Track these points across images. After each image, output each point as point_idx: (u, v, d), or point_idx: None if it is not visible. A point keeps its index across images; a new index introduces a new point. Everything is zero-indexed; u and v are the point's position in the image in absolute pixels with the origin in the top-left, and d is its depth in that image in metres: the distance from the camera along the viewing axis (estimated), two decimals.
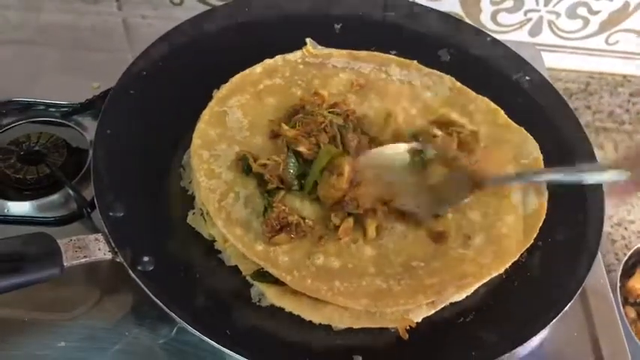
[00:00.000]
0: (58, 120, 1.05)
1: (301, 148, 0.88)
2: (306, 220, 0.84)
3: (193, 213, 0.89)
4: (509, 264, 0.83)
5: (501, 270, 0.83)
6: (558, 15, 1.32)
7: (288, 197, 0.86)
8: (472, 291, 0.83)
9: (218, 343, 0.74)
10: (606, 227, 1.23)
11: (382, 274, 0.81)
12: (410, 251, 0.84)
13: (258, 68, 1.01)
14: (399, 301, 0.79)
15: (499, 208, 0.89)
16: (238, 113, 0.95)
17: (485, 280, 0.82)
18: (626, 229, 1.23)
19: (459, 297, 0.82)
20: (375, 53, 1.05)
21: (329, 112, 0.92)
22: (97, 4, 1.30)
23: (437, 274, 0.81)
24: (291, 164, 0.87)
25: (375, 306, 0.78)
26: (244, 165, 0.88)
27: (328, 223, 0.85)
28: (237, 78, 1.00)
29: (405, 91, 1.01)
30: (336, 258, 0.82)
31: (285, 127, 0.91)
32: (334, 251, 0.83)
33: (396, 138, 0.94)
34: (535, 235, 0.86)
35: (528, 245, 0.85)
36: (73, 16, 1.26)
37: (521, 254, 0.85)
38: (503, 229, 0.87)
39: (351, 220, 0.84)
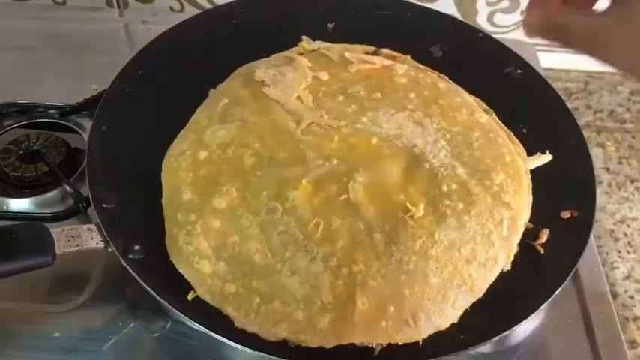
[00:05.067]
0: (57, 121, 1.07)
1: None
2: None
3: None
4: None
5: None
6: None
7: None
8: None
9: (210, 330, 0.74)
10: (609, 225, 1.22)
11: None
12: None
13: None
14: None
15: None
16: None
17: None
18: (628, 226, 1.22)
19: None
20: (370, 47, 1.06)
21: None
22: (100, 12, 1.33)
23: None
24: None
25: None
26: None
27: None
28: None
29: None
30: None
31: None
32: None
33: None
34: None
35: None
36: (75, 24, 1.28)
37: None
38: None
39: None
